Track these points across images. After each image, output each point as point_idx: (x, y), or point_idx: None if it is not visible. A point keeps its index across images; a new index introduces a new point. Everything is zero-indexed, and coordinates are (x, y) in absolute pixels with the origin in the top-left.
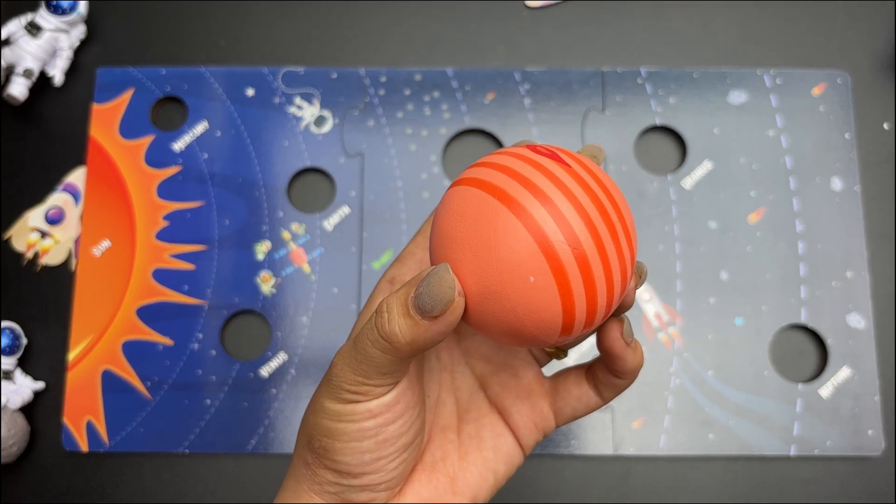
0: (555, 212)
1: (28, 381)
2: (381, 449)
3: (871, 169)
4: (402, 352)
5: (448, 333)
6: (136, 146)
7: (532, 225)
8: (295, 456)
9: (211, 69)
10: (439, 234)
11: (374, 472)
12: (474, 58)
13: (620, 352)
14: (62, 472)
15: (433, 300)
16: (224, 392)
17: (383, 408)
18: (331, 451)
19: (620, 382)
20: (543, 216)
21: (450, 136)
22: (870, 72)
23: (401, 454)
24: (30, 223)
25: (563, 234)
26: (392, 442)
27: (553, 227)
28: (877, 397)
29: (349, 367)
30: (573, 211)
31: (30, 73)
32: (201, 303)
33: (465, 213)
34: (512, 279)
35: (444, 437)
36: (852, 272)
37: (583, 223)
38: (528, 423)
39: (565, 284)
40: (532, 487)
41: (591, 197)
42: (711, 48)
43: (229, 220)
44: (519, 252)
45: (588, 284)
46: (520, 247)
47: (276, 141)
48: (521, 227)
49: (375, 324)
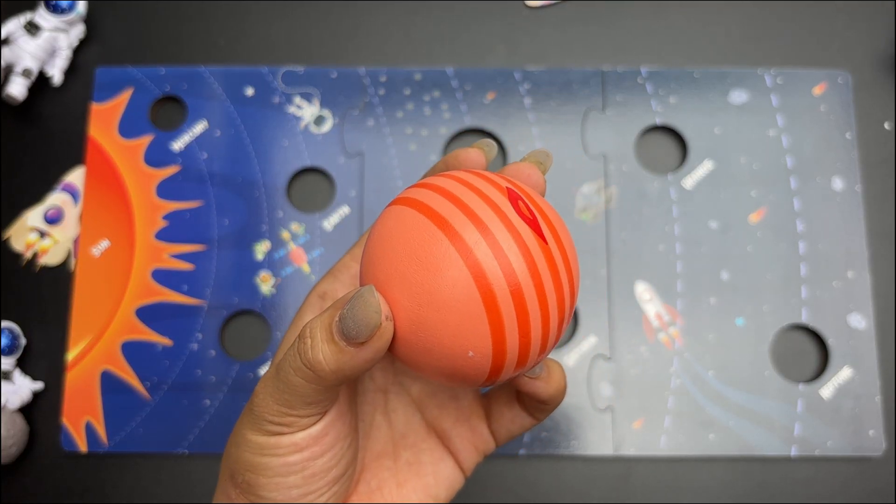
0: (494, 245)
1: (27, 381)
2: (308, 484)
3: (872, 169)
4: (327, 380)
5: (376, 360)
6: (135, 146)
7: (469, 256)
8: (217, 491)
9: (210, 69)
10: (371, 255)
11: None
12: (474, 57)
13: (527, 388)
14: (61, 472)
15: (358, 325)
16: (223, 392)
17: (310, 440)
18: (255, 487)
19: (546, 407)
20: (483, 248)
21: (450, 135)
22: (871, 71)
23: (331, 488)
24: (28, 223)
25: (502, 270)
26: (321, 476)
27: (491, 262)
28: (878, 397)
29: (271, 397)
30: (514, 247)
31: (29, 72)
32: (201, 303)
33: (401, 236)
34: (442, 311)
35: (380, 465)
36: (853, 272)
37: (522, 259)
38: (468, 446)
39: (498, 324)
40: (532, 488)
41: (533, 230)
42: (712, 48)
43: (229, 219)
44: (453, 284)
45: (522, 326)
46: (454, 278)
47: (276, 141)
48: (457, 256)
49: (298, 350)
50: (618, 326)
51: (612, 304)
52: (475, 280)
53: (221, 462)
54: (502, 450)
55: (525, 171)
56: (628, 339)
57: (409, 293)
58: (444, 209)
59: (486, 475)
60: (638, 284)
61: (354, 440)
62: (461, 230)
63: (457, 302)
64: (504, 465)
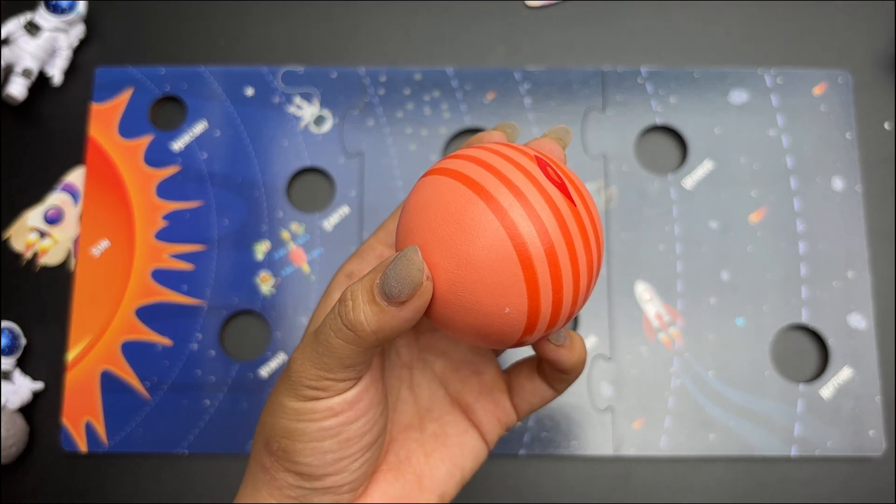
0: (528, 208)
1: (27, 381)
2: (343, 448)
3: (872, 169)
4: (368, 341)
5: (415, 321)
6: (135, 146)
7: (504, 217)
8: (251, 461)
9: (210, 69)
10: (409, 222)
11: (336, 473)
12: (474, 57)
13: (552, 355)
14: (61, 472)
15: (401, 283)
16: (223, 392)
17: (345, 405)
18: (291, 453)
19: (567, 377)
20: (517, 210)
21: (450, 135)
22: (871, 71)
23: (364, 454)
24: (28, 223)
25: (536, 230)
26: (355, 441)
27: (525, 222)
28: (878, 397)
29: (309, 362)
30: (547, 209)
31: (29, 72)
32: (200, 303)
33: (438, 202)
34: (480, 270)
35: (408, 437)
36: (853, 272)
37: (554, 220)
38: (491, 419)
39: (533, 282)
40: (532, 488)
41: (563, 193)
42: (712, 48)
43: (228, 219)
44: (490, 244)
45: (556, 284)
46: (491, 238)
47: (276, 140)
48: (493, 218)
49: (339, 312)
50: (618, 326)
51: (612, 304)
52: (511, 240)
53: (255, 432)
54: (502, 450)
55: (547, 146)
56: (628, 339)
57: (448, 255)
58: (479, 175)
59: (486, 475)
60: (638, 284)
61: (385, 409)
62: (496, 193)
63: (494, 261)
64: (504, 465)
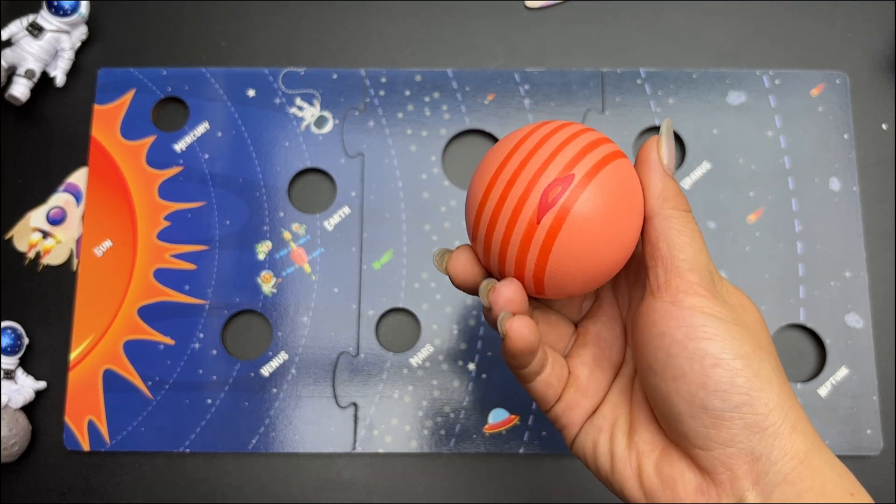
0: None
1: (30, 380)
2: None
3: (870, 169)
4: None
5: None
6: (137, 147)
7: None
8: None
9: (212, 70)
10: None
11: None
12: (474, 58)
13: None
14: (63, 471)
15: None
16: (225, 391)
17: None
18: None
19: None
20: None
21: (450, 136)
22: (868, 72)
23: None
24: (31, 223)
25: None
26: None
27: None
28: (875, 397)
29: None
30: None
31: (31, 73)
32: (202, 302)
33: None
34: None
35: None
36: (851, 272)
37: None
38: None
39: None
40: (532, 487)
41: (537, 211)
42: (710, 49)
43: (230, 220)
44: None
45: (488, 233)
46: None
47: (277, 141)
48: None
49: None
50: None
51: None
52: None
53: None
54: (502, 449)
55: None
56: None
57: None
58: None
59: (486, 475)
60: None
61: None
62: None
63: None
64: (504, 464)
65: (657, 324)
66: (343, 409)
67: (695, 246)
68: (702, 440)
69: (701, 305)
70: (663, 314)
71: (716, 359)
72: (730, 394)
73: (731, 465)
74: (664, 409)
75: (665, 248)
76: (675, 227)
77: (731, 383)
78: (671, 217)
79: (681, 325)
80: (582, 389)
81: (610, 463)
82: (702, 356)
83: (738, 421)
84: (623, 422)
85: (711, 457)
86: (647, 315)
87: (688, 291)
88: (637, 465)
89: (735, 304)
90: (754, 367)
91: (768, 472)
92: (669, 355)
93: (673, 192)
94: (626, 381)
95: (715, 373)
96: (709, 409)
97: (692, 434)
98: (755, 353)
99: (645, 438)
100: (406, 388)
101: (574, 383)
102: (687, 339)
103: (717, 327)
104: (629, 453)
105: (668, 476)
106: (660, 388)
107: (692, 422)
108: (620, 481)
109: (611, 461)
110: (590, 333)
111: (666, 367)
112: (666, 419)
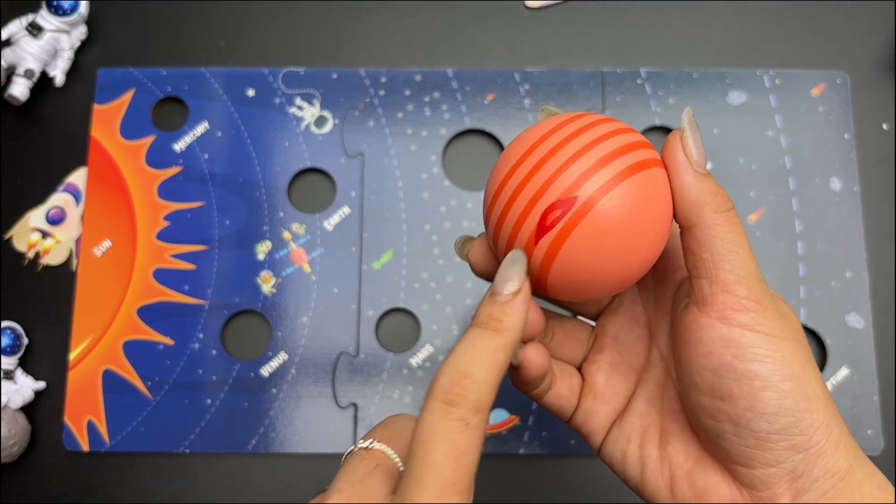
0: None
1: (29, 380)
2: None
3: (871, 169)
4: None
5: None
6: (136, 146)
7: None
8: None
9: (211, 70)
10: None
11: None
12: (474, 58)
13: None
14: (63, 471)
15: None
16: (224, 392)
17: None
18: None
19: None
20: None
21: (450, 136)
22: (869, 72)
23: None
24: (31, 223)
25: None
26: None
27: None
28: (876, 397)
29: None
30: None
31: (31, 73)
32: (202, 303)
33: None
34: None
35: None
36: (851, 272)
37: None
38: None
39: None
40: (532, 487)
41: (537, 229)
42: (711, 49)
43: (230, 220)
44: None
45: (498, 224)
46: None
47: (277, 141)
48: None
49: None
50: None
51: None
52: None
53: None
54: (502, 449)
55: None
56: None
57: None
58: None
59: (486, 475)
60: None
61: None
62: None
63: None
64: (504, 465)
65: (704, 343)
66: (343, 409)
67: (741, 253)
68: (744, 458)
69: (750, 323)
70: (710, 332)
71: (765, 381)
72: (777, 416)
73: (772, 483)
74: (706, 426)
75: (709, 259)
76: (719, 235)
77: (779, 406)
78: (713, 225)
79: (729, 344)
80: (599, 397)
81: (640, 473)
82: (751, 378)
83: (782, 442)
84: (654, 432)
85: (752, 474)
86: (693, 331)
87: (736, 307)
88: (669, 477)
89: (785, 313)
90: (803, 387)
91: (808, 489)
92: (717, 375)
93: (711, 194)
94: (655, 389)
95: (764, 395)
96: (755, 430)
97: (734, 452)
98: (804, 371)
99: (678, 449)
100: (406, 389)
101: (591, 391)
102: (736, 360)
103: (768, 346)
104: (661, 464)
105: (702, 489)
106: (703, 406)
107: (736, 440)
108: (652, 492)
109: (641, 471)
110: (608, 336)
111: (713, 387)
112: (707, 435)
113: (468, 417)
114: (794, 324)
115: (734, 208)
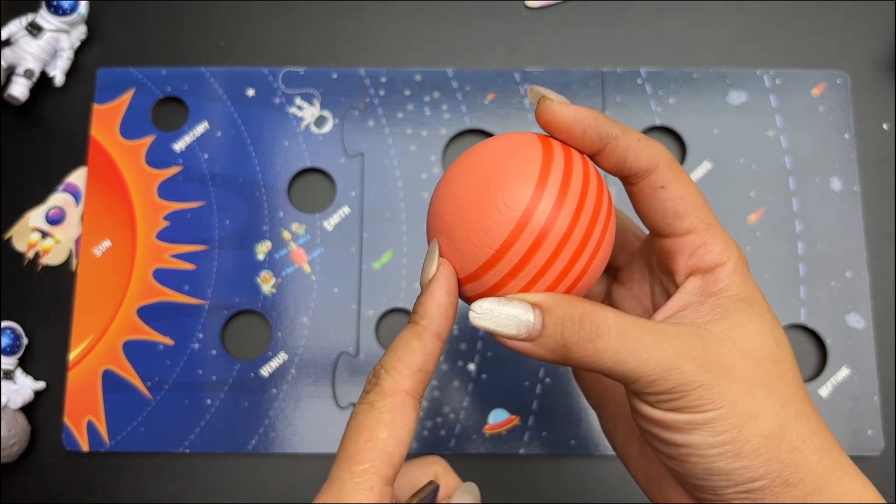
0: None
1: (29, 380)
2: None
3: (871, 169)
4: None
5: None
6: (136, 146)
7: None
8: None
9: (211, 69)
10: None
11: None
12: (474, 58)
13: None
14: (63, 471)
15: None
16: (224, 392)
17: None
18: None
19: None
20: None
21: (450, 136)
22: (869, 72)
23: None
24: (31, 223)
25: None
26: None
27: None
28: (876, 397)
29: None
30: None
31: (30, 73)
32: (202, 303)
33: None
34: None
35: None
36: (851, 272)
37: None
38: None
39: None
40: (532, 487)
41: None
42: (711, 48)
43: (230, 220)
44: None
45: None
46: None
47: (277, 141)
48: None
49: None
50: None
51: None
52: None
53: None
54: (502, 449)
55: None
56: None
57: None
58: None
59: (486, 475)
60: None
61: None
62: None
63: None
64: (504, 465)
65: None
66: (343, 409)
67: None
68: (700, 494)
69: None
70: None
71: (692, 450)
72: (709, 477)
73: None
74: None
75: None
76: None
77: (708, 470)
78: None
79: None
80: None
81: (626, 463)
82: (682, 446)
83: (732, 489)
84: (636, 428)
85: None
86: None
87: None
88: (645, 475)
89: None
90: (736, 449)
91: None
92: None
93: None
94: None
95: (692, 461)
96: (696, 485)
97: (690, 488)
98: (741, 433)
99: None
100: None
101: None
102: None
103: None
104: (641, 459)
105: (666, 495)
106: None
107: (703, 483)
108: (640, 481)
109: (626, 462)
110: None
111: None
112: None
113: (374, 400)
114: (764, 351)
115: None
